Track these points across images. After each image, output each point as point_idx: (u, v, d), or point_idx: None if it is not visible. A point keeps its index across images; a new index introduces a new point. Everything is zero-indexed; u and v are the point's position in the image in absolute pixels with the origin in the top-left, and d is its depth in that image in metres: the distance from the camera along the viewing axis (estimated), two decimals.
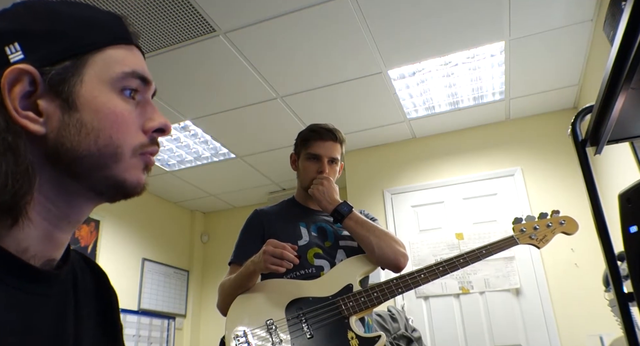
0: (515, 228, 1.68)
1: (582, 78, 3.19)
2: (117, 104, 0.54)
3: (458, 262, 1.53)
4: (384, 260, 1.54)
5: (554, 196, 3.37)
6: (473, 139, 3.77)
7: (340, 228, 1.67)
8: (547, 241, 1.69)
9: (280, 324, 1.44)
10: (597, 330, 2.94)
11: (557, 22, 2.63)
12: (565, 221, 1.71)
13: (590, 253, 3.11)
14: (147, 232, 4.57)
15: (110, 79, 0.54)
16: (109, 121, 0.53)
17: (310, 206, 1.74)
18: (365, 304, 1.46)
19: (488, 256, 1.58)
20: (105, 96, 0.53)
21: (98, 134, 0.52)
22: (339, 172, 1.78)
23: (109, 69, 0.54)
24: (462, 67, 3.04)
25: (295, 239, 1.61)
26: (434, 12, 2.50)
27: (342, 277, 1.54)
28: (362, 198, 3.91)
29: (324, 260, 1.59)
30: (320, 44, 2.73)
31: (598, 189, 1.10)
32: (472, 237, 3.43)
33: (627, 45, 0.74)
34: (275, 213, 1.73)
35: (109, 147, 0.53)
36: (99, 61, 0.53)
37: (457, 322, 3.33)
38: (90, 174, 0.53)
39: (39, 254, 0.52)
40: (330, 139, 1.71)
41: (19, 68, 0.49)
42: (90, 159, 0.52)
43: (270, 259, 1.43)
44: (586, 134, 1.09)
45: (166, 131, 0.59)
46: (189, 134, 3.67)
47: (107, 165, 0.53)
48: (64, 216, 0.54)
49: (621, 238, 0.87)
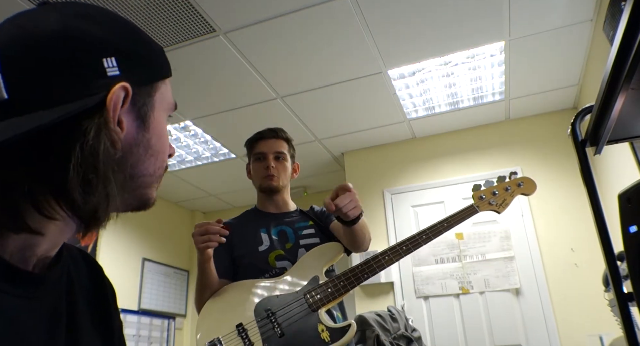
0: (474, 196, 1.68)
1: (582, 78, 3.19)
2: (166, 131, 0.59)
3: (420, 239, 1.55)
4: (363, 249, 1.58)
5: (554, 196, 3.37)
6: (473, 139, 3.77)
7: (299, 228, 1.70)
8: (507, 205, 1.69)
9: (251, 326, 1.44)
10: (597, 330, 2.94)
11: (557, 22, 2.63)
12: (523, 183, 1.69)
13: (590, 253, 3.11)
14: (147, 232, 4.57)
15: (166, 109, 0.59)
16: (165, 147, 0.58)
17: (270, 210, 1.78)
18: (333, 294, 1.47)
19: (450, 228, 1.60)
20: (164, 122, 0.58)
21: (158, 157, 0.57)
22: (295, 172, 1.83)
23: (166, 99, 0.59)
24: (462, 67, 3.04)
25: (256, 245, 1.65)
26: (434, 12, 2.50)
27: (307, 270, 1.54)
28: (362, 198, 3.90)
29: (286, 261, 1.61)
30: (320, 44, 2.73)
31: (598, 189, 1.10)
32: (472, 237, 3.43)
33: (627, 45, 0.74)
34: (238, 223, 1.77)
35: (160, 170, 0.58)
36: (162, 90, 0.58)
37: (457, 322, 3.33)
38: (137, 190, 0.56)
39: (39, 253, 0.51)
40: (272, 136, 1.79)
41: (125, 87, 0.50)
42: (147, 178, 0.56)
43: (199, 239, 1.46)
44: (586, 134, 1.09)
45: (171, 156, 0.63)
46: (189, 134, 3.67)
47: (152, 185, 0.58)
48: None
49: (621, 238, 0.87)
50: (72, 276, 0.60)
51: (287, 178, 1.77)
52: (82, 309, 0.59)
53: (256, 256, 1.63)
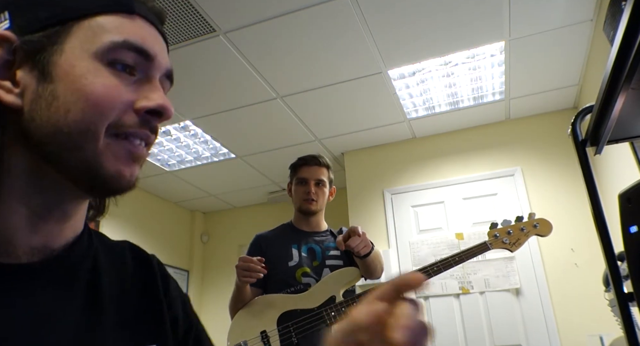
0: (489, 234, 1.78)
1: (582, 78, 3.19)
2: (100, 76, 0.47)
3: (432, 270, 1.72)
4: (376, 277, 1.83)
5: (554, 196, 3.37)
6: (473, 139, 3.77)
7: (328, 248, 1.90)
8: (520, 244, 1.76)
9: (272, 334, 1.68)
10: (597, 330, 2.94)
11: (557, 22, 2.63)
12: (539, 224, 1.76)
13: (590, 253, 3.11)
14: (147, 232, 4.56)
15: (96, 50, 0.47)
16: (85, 94, 0.45)
17: (304, 228, 1.98)
18: (347, 313, 1.58)
19: (460, 263, 1.74)
20: (86, 67, 0.46)
21: (69, 108, 0.45)
22: (332, 195, 2.02)
23: (96, 38, 0.47)
24: (462, 67, 3.04)
25: (287, 260, 1.87)
26: (434, 12, 2.50)
27: (327, 290, 1.76)
28: (362, 198, 3.90)
29: (311, 278, 1.83)
30: (320, 44, 2.72)
31: (598, 189, 1.10)
32: (472, 237, 3.43)
33: (627, 45, 0.74)
34: (272, 236, 1.98)
35: (79, 123, 0.45)
36: (85, 29, 0.47)
37: (457, 322, 3.33)
38: (60, 155, 0.46)
39: (23, 244, 0.48)
40: (315, 164, 1.97)
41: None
42: (59, 137, 0.45)
43: (241, 273, 1.71)
44: (586, 134, 1.09)
45: (164, 114, 0.50)
46: (189, 134, 3.67)
47: (78, 145, 0.46)
48: (44, 205, 0.49)
49: (621, 238, 0.87)
50: (99, 267, 0.54)
51: (324, 202, 1.98)
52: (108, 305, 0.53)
53: (285, 270, 1.84)
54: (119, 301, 0.55)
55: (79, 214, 0.54)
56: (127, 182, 0.49)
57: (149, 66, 0.50)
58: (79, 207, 0.53)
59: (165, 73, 0.53)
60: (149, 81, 0.50)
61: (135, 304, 0.57)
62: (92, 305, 0.51)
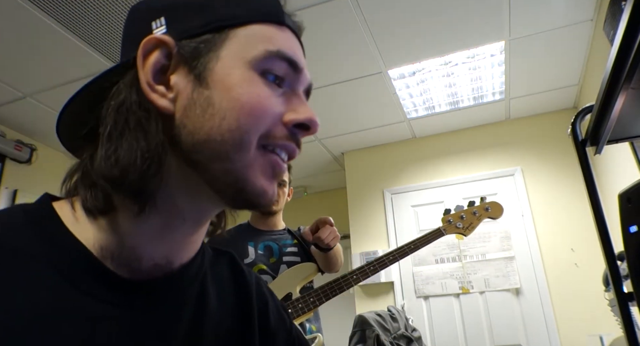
0: (443, 220, 1.82)
1: (582, 78, 3.19)
2: (255, 86, 0.46)
3: (387, 259, 1.70)
4: (335, 270, 1.80)
5: (554, 196, 3.37)
6: (473, 139, 3.77)
7: (285, 245, 1.88)
8: (473, 228, 1.80)
9: None
10: (597, 330, 2.94)
11: (557, 22, 2.63)
12: (491, 207, 1.81)
13: (590, 253, 3.11)
14: None
15: (252, 58, 0.46)
16: (240, 103, 0.44)
17: (261, 227, 1.96)
18: (302, 309, 1.62)
19: (416, 250, 1.75)
20: (242, 75, 0.45)
21: (224, 116, 0.44)
22: (288, 195, 1.99)
23: (251, 47, 0.46)
24: (462, 67, 3.04)
25: (242, 257, 1.83)
26: (434, 11, 2.50)
27: (283, 287, 1.73)
28: (362, 198, 3.91)
29: (267, 276, 1.80)
30: (320, 44, 2.72)
31: (598, 189, 1.10)
32: (472, 237, 3.43)
33: (627, 45, 0.74)
34: (231, 235, 1.95)
35: (234, 132, 0.44)
36: (241, 37, 0.46)
37: (457, 322, 3.33)
38: (209, 164, 0.45)
39: (148, 257, 0.47)
40: None
41: (155, 38, 0.45)
42: (211, 144, 0.44)
43: None
44: (586, 134, 1.09)
45: (311, 129, 0.49)
46: None
47: (227, 155, 0.44)
48: (178, 212, 0.48)
49: (621, 238, 0.87)
50: (206, 294, 0.53)
51: (284, 202, 1.94)
52: (207, 334, 0.51)
53: None
54: (217, 332, 0.54)
55: (205, 226, 0.53)
56: (269, 199, 0.48)
57: (296, 79, 0.50)
58: (208, 217, 0.52)
59: (307, 87, 0.52)
60: (295, 93, 0.50)
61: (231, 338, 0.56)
62: (193, 333, 0.50)
